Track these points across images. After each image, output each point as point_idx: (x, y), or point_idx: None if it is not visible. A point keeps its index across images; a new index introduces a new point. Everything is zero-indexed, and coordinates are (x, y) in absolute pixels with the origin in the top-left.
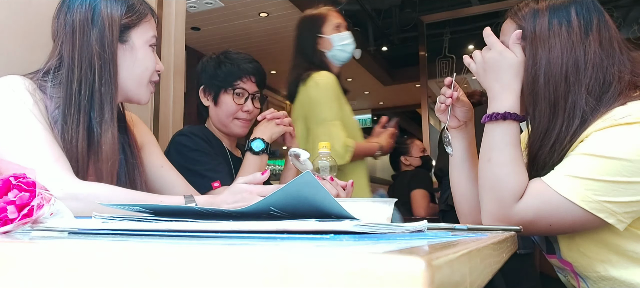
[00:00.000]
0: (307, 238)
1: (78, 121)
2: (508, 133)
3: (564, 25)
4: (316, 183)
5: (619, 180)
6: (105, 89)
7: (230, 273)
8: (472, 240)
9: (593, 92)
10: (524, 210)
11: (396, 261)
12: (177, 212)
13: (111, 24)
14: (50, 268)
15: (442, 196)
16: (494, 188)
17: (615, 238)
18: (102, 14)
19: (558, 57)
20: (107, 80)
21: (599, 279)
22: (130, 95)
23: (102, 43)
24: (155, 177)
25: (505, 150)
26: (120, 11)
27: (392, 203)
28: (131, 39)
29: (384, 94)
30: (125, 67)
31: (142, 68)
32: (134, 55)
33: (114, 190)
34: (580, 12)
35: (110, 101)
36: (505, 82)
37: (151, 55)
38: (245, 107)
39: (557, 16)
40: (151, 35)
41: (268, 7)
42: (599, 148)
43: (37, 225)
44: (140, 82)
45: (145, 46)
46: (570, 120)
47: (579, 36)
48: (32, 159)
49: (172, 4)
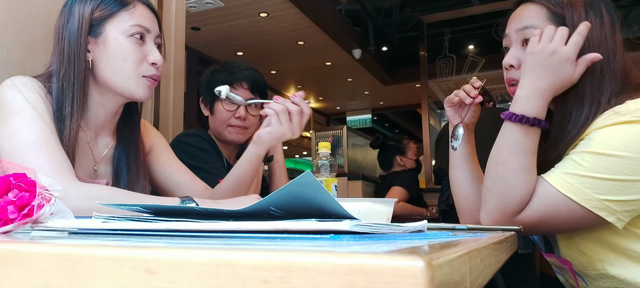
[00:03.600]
0: (307, 238)
1: (64, 122)
2: (531, 141)
3: (598, 19)
4: (316, 183)
5: (620, 178)
6: (67, 86)
7: (230, 273)
8: (472, 240)
9: (616, 85)
10: (528, 215)
11: (396, 261)
12: (177, 212)
13: (81, 20)
14: (50, 268)
15: (442, 196)
16: (501, 194)
17: (614, 237)
18: (74, 12)
19: (594, 47)
20: (71, 78)
21: (598, 277)
22: (119, 89)
23: (71, 41)
24: (164, 177)
25: (523, 157)
26: (92, 5)
27: (392, 204)
28: (105, 30)
29: (384, 94)
30: (102, 60)
31: (120, 59)
32: (108, 47)
33: (113, 191)
34: (608, 10)
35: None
36: (546, 87)
37: (132, 45)
38: (237, 114)
39: (593, 9)
40: (130, 25)
41: (268, 7)
42: (599, 146)
43: (37, 225)
44: (125, 75)
45: (121, 36)
46: (593, 109)
47: (609, 31)
48: (35, 159)
49: (172, 4)
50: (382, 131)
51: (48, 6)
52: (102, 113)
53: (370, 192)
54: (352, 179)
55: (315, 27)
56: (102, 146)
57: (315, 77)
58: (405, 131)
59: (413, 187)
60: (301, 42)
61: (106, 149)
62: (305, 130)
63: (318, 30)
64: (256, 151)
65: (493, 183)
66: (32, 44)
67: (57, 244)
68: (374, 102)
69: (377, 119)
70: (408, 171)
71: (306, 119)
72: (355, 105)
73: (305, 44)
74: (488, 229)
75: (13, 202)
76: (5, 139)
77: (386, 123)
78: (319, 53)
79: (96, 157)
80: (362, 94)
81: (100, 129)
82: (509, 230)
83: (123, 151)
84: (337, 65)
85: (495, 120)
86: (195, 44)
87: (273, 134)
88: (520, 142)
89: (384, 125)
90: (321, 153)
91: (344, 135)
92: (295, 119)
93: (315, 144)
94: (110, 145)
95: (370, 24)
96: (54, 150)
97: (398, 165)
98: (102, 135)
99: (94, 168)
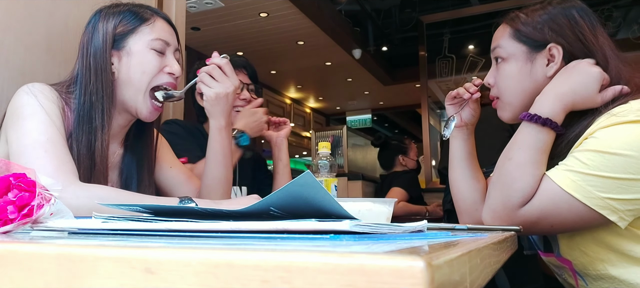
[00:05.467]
0: (307, 238)
1: (83, 132)
2: (541, 140)
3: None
4: (316, 183)
5: (623, 177)
6: (97, 99)
7: (229, 273)
8: (472, 240)
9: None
10: (529, 211)
11: (396, 261)
12: (177, 212)
13: (105, 35)
14: (50, 268)
15: (447, 195)
16: (505, 186)
17: (615, 237)
18: (98, 28)
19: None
20: (99, 91)
21: (598, 277)
22: (127, 102)
23: (96, 56)
24: (165, 177)
25: (530, 153)
26: (114, 22)
27: (391, 204)
28: (128, 44)
29: (384, 94)
30: (123, 72)
31: (139, 72)
32: (130, 60)
33: (113, 192)
34: (582, 15)
35: (102, 111)
36: (565, 91)
37: (152, 57)
38: (242, 96)
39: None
40: (152, 38)
41: (268, 7)
42: (603, 144)
43: (37, 225)
44: (138, 88)
45: (145, 49)
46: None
47: (591, 35)
48: (40, 158)
49: (172, 4)
50: (382, 131)
51: (48, 6)
52: (114, 124)
53: (370, 192)
54: (352, 179)
55: (315, 27)
56: (110, 154)
57: (315, 77)
58: (405, 131)
59: (413, 187)
60: (301, 42)
61: (113, 157)
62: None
63: (318, 30)
64: (213, 124)
65: (498, 177)
66: (32, 45)
67: (57, 244)
68: (373, 102)
69: (377, 119)
70: (408, 172)
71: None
72: (355, 105)
73: (305, 44)
74: (488, 229)
75: (13, 202)
76: (15, 140)
77: (386, 123)
78: (319, 53)
79: None
80: (362, 94)
81: (112, 138)
82: (508, 230)
83: (132, 159)
84: (337, 65)
85: (496, 120)
86: (195, 44)
87: (216, 91)
88: (530, 139)
89: (384, 125)
90: (321, 153)
91: (344, 135)
92: (228, 70)
93: (315, 144)
94: (117, 152)
95: (370, 24)
96: (60, 151)
97: (400, 164)
98: (112, 144)
99: None
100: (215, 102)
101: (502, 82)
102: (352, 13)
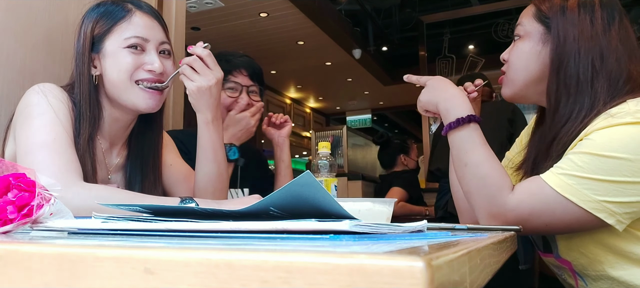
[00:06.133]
0: (306, 238)
1: (81, 135)
2: (476, 135)
3: (589, 16)
4: (316, 183)
5: (619, 180)
6: (82, 101)
7: (229, 274)
8: (472, 240)
9: (613, 83)
10: (519, 207)
11: (396, 261)
12: (177, 212)
13: (84, 39)
14: (49, 268)
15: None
16: (479, 188)
17: (613, 239)
18: (81, 31)
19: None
20: (84, 94)
21: (598, 278)
22: (123, 102)
23: (77, 60)
24: (165, 175)
25: (478, 150)
26: (92, 24)
27: (391, 204)
28: (104, 46)
29: (384, 94)
30: (106, 73)
31: (116, 71)
32: (106, 62)
33: (116, 192)
34: (605, 8)
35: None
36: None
37: (126, 55)
38: (240, 100)
39: (584, 7)
40: (125, 37)
41: (268, 7)
42: (599, 147)
43: (37, 225)
44: (122, 86)
45: (118, 49)
46: (588, 106)
47: (601, 29)
48: (45, 158)
49: (172, 4)
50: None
51: (48, 7)
52: (116, 125)
53: (369, 192)
54: (352, 179)
55: (315, 27)
56: (115, 155)
57: (315, 77)
58: (404, 131)
59: (413, 188)
60: (301, 42)
61: (118, 159)
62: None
63: (318, 30)
64: (200, 118)
65: (468, 186)
66: (32, 45)
67: (57, 244)
68: (373, 102)
69: (377, 119)
70: (409, 172)
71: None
72: (355, 105)
73: (305, 44)
74: (488, 229)
75: (12, 202)
76: (23, 139)
77: (386, 123)
78: (319, 53)
79: (109, 166)
80: (362, 94)
81: (115, 139)
82: (508, 230)
83: (136, 161)
84: (337, 65)
85: (496, 117)
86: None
87: (197, 85)
88: (471, 140)
89: (384, 125)
90: (321, 153)
91: (344, 135)
92: (210, 61)
93: (315, 143)
94: (122, 154)
95: (370, 24)
96: (66, 152)
97: (401, 163)
98: (116, 145)
99: (108, 176)
100: (199, 96)
101: (513, 58)
102: (352, 13)
